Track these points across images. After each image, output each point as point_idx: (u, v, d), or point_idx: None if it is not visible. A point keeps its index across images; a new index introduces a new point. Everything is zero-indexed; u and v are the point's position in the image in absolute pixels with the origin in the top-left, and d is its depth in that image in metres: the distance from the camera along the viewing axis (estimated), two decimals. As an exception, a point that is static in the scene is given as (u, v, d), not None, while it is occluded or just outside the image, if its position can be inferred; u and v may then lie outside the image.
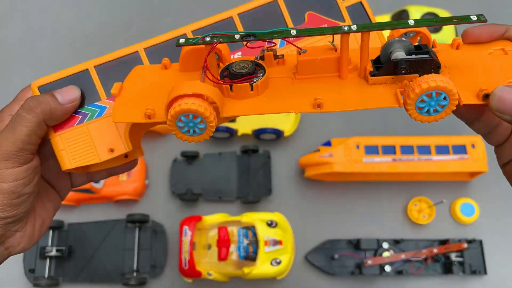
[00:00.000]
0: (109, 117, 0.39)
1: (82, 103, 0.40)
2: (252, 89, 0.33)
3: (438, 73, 0.32)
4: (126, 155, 0.42)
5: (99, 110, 0.39)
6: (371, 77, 0.33)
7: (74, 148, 0.38)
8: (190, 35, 0.42)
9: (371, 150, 0.80)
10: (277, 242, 0.77)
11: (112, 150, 0.39)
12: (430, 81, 0.29)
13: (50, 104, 0.36)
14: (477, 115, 0.35)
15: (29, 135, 0.35)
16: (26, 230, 0.38)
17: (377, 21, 0.35)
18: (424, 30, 0.35)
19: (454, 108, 0.30)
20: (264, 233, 0.77)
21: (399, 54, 0.32)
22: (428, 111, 0.30)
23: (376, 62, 0.34)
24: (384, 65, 0.32)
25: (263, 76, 0.34)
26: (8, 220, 0.36)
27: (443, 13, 0.88)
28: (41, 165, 0.38)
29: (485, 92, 0.30)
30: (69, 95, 0.37)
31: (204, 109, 0.31)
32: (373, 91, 0.32)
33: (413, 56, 0.32)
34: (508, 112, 0.29)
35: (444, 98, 0.29)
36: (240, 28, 0.41)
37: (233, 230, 0.78)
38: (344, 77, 0.34)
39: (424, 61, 0.31)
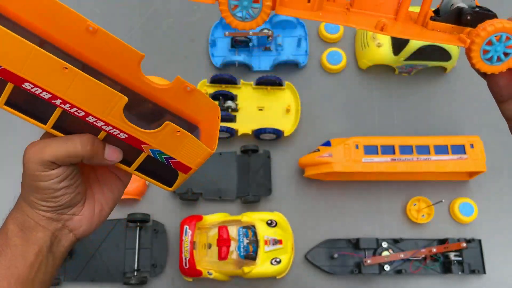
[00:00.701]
0: None
1: None
2: (309, 1, 0.31)
3: None
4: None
5: None
6: (431, 21, 0.31)
7: None
8: None
9: (371, 150, 0.81)
10: (277, 242, 0.77)
11: None
12: (505, 22, 0.28)
13: (98, 151, 0.38)
14: None
15: (68, 157, 0.37)
16: (84, 214, 0.41)
17: None
18: None
19: None
20: (264, 232, 0.77)
21: (463, 4, 0.31)
22: (491, 59, 0.29)
23: (436, 14, 0.32)
24: (446, 14, 0.31)
25: None
26: (57, 208, 0.39)
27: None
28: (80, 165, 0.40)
29: None
30: (114, 156, 0.40)
31: None
32: (433, 33, 0.31)
33: (479, 9, 0.31)
34: None
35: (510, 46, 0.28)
36: None
37: (233, 229, 0.78)
38: (401, 19, 0.32)
39: (488, 15, 0.30)
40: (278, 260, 0.77)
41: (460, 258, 0.80)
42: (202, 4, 1.00)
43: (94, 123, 0.36)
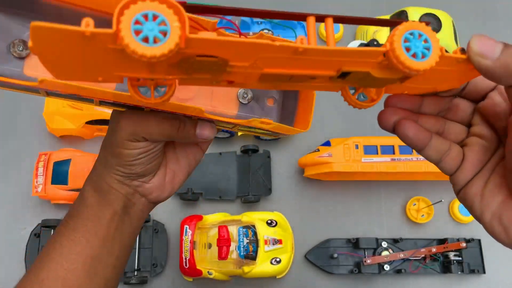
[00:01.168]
0: None
1: None
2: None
3: None
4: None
5: None
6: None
7: None
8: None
9: (370, 150, 0.81)
10: (277, 241, 0.77)
11: None
12: (410, 21, 0.28)
13: (190, 132, 0.39)
14: (427, 140, 0.34)
15: (161, 136, 0.38)
16: (154, 182, 0.42)
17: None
18: None
19: (440, 52, 0.27)
20: (264, 232, 0.77)
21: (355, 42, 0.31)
22: (415, 55, 0.28)
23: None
24: None
25: None
26: (129, 175, 0.40)
27: (442, 14, 0.89)
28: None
29: (461, 48, 0.29)
30: (205, 134, 0.39)
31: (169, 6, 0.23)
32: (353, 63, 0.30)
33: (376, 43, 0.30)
34: (489, 54, 0.27)
35: (425, 41, 0.27)
36: None
37: (233, 229, 0.78)
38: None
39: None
40: (278, 259, 0.77)
41: (460, 258, 0.80)
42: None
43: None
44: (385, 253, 0.80)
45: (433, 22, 0.87)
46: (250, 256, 0.77)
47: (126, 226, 0.42)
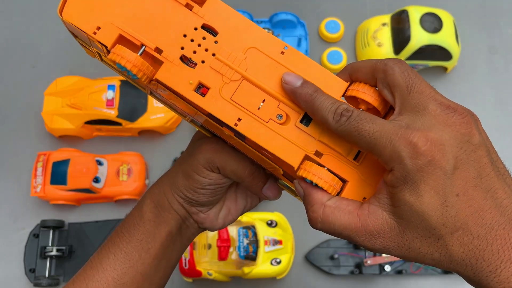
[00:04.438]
0: None
1: None
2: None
3: None
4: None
5: None
6: None
7: None
8: None
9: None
10: (277, 242, 0.77)
11: None
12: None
13: (259, 185, 0.40)
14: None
15: (233, 174, 0.38)
16: (209, 214, 0.42)
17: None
18: None
19: None
20: (264, 232, 0.77)
21: None
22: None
23: None
24: None
25: None
26: (192, 201, 0.40)
27: (443, 13, 0.88)
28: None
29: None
30: (270, 194, 0.41)
31: (132, 66, 0.30)
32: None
33: None
34: (290, 83, 0.32)
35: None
36: None
37: (233, 229, 0.78)
38: None
39: None
40: (278, 260, 0.76)
41: (461, 259, 0.79)
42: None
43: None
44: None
45: (434, 21, 0.87)
46: (250, 256, 0.76)
47: (176, 247, 0.43)
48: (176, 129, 0.92)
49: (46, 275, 0.80)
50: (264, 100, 0.32)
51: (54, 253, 0.80)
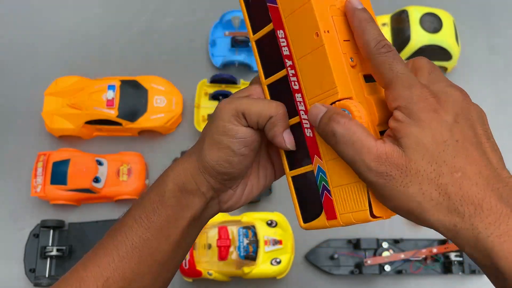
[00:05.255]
0: None
1: None
2: None
3: None
4: None
5: None
6: None
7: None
8: None
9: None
10: (277, 242, 0.77)
11: None
12: None
13: (283, 122, 0.37)
14: None
15: (259, 115, 0.36)
16: (237, 190, 0.41)
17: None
18: None
19: None
20: (264, 232, 0.77)
21: None
22: None
23: None
24: None
25: None
26: (225, 177, 0.38)
27: (442, 14, 0.88)
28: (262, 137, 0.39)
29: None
30: (289, 141, 0.38)
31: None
32: None
33: None
34: (353, 3, 0.34)
35: None
36: None
37: (233, 229, 0.78)
38: None
39: None
40: (278, 260, 0.76)
41: (461, 258, 0.80)
42: (202, 4, 1.00)
43: (298, 103, 0.35)
44: (385, 253, 0.80)
45: (434, 22, 0.87)
46: (250, 256, 0.76)
47: (195, 230, 0.41)
48: (176, 129, 0.92)
49: (46, 275, 0.80)
50: (349, 40, 0.34)
51: (54, 253, 0.80)
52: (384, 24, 0.91)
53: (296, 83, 0.35)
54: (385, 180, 0.30)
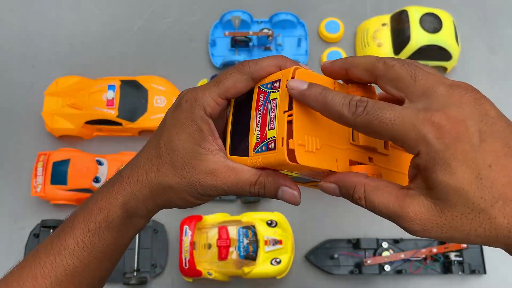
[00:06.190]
0: None
1: None
2: None
3: None
4: None
5: None
6: None
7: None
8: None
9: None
10: (277, 242, 0.77)
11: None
12: None
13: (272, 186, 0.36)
14: None
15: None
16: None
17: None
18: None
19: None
20: (264, 232, 0.77)
21: None
22: None
23: None
24: None
25: None
26: (203, 199, 0.37)
27: (442, 14, 0.88)
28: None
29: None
30: (287, 198, 0.36)
31: None
32: None
33: None
34: (296, 88, 0.31)
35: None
36: None
37: (233, 229, 0.78)
38: None
39: None
40: (278, 260, 0.77)
41: (461, 258, 0.80)
42: (202, 4, 1.00)
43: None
44: (385, 253, 0.80)
45: (434, 22, 0.87)
46: (250, 256, 0.76)
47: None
48: (176, 129, 0.91)
49: (46, 275, 0.80)
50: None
51: (54, 253, 0.80)
52: (384, 24, 0.91)
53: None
54: (425, 232, 0.29)
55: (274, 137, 0.32)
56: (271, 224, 0.79)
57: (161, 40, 0.97)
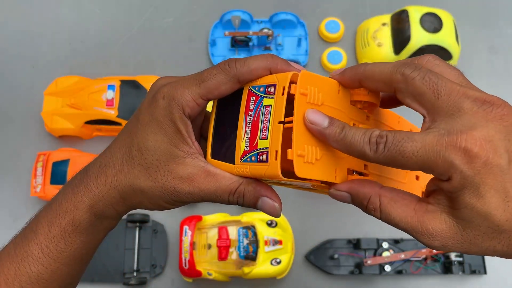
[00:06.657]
0: None
1: None
2: None
3: None
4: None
5: None
6: None
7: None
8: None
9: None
10: (277, 242, 0.77)
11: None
12: None
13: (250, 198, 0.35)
14: None
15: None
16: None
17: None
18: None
19: None
20: (264, 232, 0.77)
21: None
22: None
23: None
24: None
25: None
26: (176, 205, 0.36)
27: (443, 13, 0.88)
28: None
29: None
30: (266, 209, 0.35)
31: None
32: None
33: None
34: (317, 124, 0.30)
35: None
36: None
37: (233, 229, 0.78)
38: None
39: None
40: (278, 260, 0.76)
41: (461, 259, 0.79)
42: (202, 4, 1.00)
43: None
44: (386, 253, 0.80)
45: (434, 21, 0.87)
46: (250, 256, 0.76)
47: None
48: (176, 129, 0.91)
49: (46, 275, 0.80)
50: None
51: (54, 253, 0.80)
52: (384, 24, 0.91)
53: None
54: (443, 248, 0.29)
55: (266, 148, 0.30)
56: (271, 224, 0.79)
57: (161, 40, 0.97)
